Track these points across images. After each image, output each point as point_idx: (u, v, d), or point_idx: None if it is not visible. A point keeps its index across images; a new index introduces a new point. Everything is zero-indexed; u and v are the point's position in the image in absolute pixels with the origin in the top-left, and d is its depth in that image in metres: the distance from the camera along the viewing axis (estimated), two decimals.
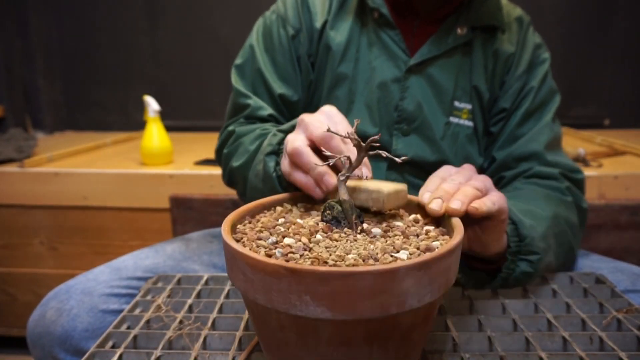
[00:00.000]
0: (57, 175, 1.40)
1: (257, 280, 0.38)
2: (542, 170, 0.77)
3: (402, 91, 0.80)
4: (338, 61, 0.81)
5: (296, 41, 0.83)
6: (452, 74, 0.80)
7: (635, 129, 1.93)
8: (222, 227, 0.45)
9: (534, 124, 0.80)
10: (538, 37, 0.86)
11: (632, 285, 0.67)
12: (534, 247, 0.61)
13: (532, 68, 0.83)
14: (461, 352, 0.52)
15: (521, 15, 0.86)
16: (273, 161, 0.63)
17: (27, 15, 1.92)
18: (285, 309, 0.37)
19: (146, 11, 2.02)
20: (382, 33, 0.81)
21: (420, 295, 0.38)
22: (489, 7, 0.80)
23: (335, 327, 0.38)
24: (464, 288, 0.65)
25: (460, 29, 0.79)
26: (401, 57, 0.80)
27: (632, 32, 1.88)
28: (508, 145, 0.81)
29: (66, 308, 0.65)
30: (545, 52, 0.85)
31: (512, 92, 0.81)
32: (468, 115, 0.82)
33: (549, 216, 0.67)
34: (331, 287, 0.35)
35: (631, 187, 1.28)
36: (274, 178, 0.62)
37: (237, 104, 0.83)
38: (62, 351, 0.64)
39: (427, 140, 0.80)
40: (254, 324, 0.45)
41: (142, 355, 0.52)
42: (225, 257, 0.44)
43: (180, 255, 0.80)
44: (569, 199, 0.74)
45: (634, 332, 0.54)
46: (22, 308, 1.48)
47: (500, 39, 0.82)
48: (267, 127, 0.77)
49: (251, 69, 0.84)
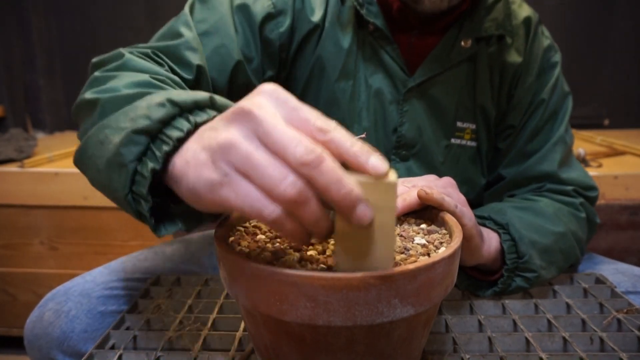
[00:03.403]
0: (57, 175, 1.40)
1: (336, 301, 0.34)
2: (555, 188, 0.74)
3: (401, 115, 0.73)
4: (336, 76, 0.73)
5: (272, 22, 0.69)
6: (455, 93, 0.74)
7: (635, 129, 1.92)
8: (239, 258, 0.37)
9: (545, 138, 0.75)
10: (547, 38, 0.79)
11: (632, 287, 0.67)
12: (531, 264, 0.60)
13: (542, 75, 0.76)
14: (461, 353, 0.52)
15: (529, 15, 0.77)
16: (140, 148, 0.39)
17: (27, 15, 1.92)
18: (369, 321, 0.35)
19: (146, 11, 2.02)
20: (379, 48, 0.73)
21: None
22: (495, 15, 0.72)
23: (407, 323, 0.39)
24: (457, 287, 0.65)
25: (464, 41, 0.71)
26: (400, 77, 0.73)
27: (632, 32, 1.88)
28: (518, 163, 0.76)
29: (64, 310, 0.65)
30: (555, 55, 0.78)
31: (521, 106, 0.75)
32: (471, 135, 0.76)
33: (559, 232, 0.65)
34: (418, 283, 0.36)
35: (631, 187, 1.28)
36: (124, 195, 0.40)
37: (168, 33, 0.65)
38: (60, 353, 0.63)
39: (426, 165, 0.76)
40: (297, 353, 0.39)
41: (142, 356, 0.52)
42: (250, 291, 0.37)
43: (179, 258, 0.80)
44: (582, 215, 0.72)
45: (634, 333, 0.54)
46: (22, 308, 1.47)
47: (507, 49, 0.74)
48: (168, 76, 0.57)
49: (214, 15, 0.66)
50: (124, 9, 2.02)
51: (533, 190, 0.75)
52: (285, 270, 0.35)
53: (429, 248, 0.44)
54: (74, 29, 2.04)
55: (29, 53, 1.94)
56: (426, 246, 0.44)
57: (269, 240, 0.43)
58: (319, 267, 0.39)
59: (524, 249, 0.59)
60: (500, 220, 0.62)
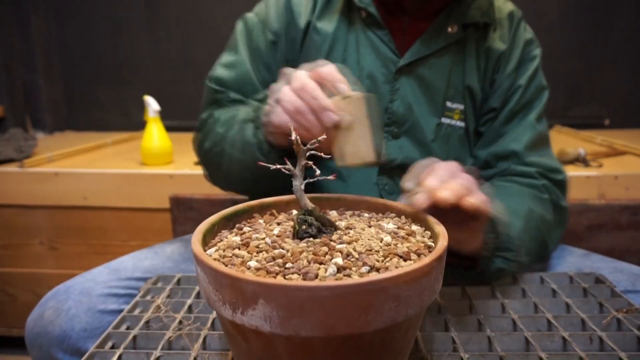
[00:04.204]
0: (57, 175, 1.40)
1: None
2: (518, 169, 0.76)
3: (392, 93, 0.77)
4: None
5: (275, 48, 0.81)
6: (444, 74, 0.78)
7: (635, 129, 1.93)
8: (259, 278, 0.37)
9: (518, 123, 0.79)
10: (529, 33, 0.84)
11: (632, 286, 0.67)
12: (510, 244, 0.61)
13: (522, 65, 0.81)
14: (461, 352, 0.52)
15: (513, 10, 0.83)
16: (251, 129, 0.63)
17: (27, 15, 1.92)
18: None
19: (146, 11, 2.02)
20: (370, 33, 0.78)
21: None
22: (480, 4, 0.78)
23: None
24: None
25: (451, 27, 0.77)
26: (390, 58, 0.77)
27: (632, 32, 1.88)
28: (491, 143, 0.80)
29: (64, 308, 0.65)
30: (535, 49, 0.83)
31: (500, 91, 0.80)
32: (460, 115, 0.80)
33: (523, 212, 0.67)
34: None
35: (631, 187, 1.28)
36: (253, 144, 0.63)
37: (214, 98, 0.80)
38: (60, 351, 0.63)
39: (417, 142, 0.78)
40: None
41: (142, 356, 0.52)
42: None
43: (179, 257, 0.80)
44: (545, 196, 0.74)
45: (633, 332, 0.54)
46: (22, 308, 1.48)
47: (492, 37, 0.80)
48: (238, 106, 0.76)
49: (238, 69, 0.80)
50: (124, 9, 2.02)
51: (500, 173, 0.78)
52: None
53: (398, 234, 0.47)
54: (74, 29, 2.05)
55: (29, 53, 1.95)
56: (396, 233, 0.47)
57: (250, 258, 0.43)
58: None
59: (501, 229, 0.60)
60: None
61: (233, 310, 0.37)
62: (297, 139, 0.45)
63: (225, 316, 0.38)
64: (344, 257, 0.41)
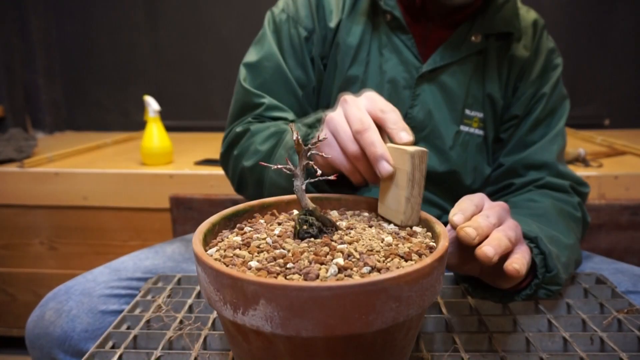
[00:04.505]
0: (57, 175, 1.40)
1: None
2: (554, 182, 0.76)
3: (413, 98, 0.78)
4: (349, 64, 0.79)
5: (310, 43, 0.80)
6: (465, 82, 0.78)
7: (635, 129, 1.93)
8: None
9: (545, 131, 0.79)
10: (551, 42, 0.84)
11: (633, 287, 0.67)
12: (558, 279, 0.58)
13: (545, 73, 0.81)
14: (461, 352, 0.52)
15: (537, 19, 0.83)
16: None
17: (27, 15, 1.92)
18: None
19: (146, 11, 2.02)
20: (394, 37, 0.78)
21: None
22: (505, 14, 0.78)
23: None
24: (469, 294, 0.64)
25: (475, 36, 0.77)
26: (413, 63, 0.78)
27: (632, 32, 1.88)
28: (517, 151, 0.79)
29: (65, 309, 0.65)
30: (558, 57, 0.83)
31: (524, 98, 0.80)
32: (479, 123, 0.80)
33: (570, 245, 0.65)
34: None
35: (631, 187, 1.28)
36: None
37: (247, 103, 0.79)
38: (61, 352, 0.63)
39: (436, 149, 0.79)
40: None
41: (142, 356, 0.52)
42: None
43: (180, 257, 0.80)
44: (579, 215, 0.74)
45: (634, 333, 0.54)
46: (22, 308, 1.47)
47: (516, 45, 0.80)
48: (280, 124, 0.74)
49: (270, 66, 0.80)
50: (124, 9, 2.02)
51: (531, 182, 0.77)
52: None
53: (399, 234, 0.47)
54: (74, 29, 2.05)
55: (29, 53, 1.95)
56: (397, 233, 0.47)
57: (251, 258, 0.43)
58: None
59: (552, 264, 0.57)
60: (530, 234, 0.59)
61: (234, 311, 0.37)
62: (297, 139, 0.45)
63: (226, 316, 0.38)
64: (345, 258, 0.41)
